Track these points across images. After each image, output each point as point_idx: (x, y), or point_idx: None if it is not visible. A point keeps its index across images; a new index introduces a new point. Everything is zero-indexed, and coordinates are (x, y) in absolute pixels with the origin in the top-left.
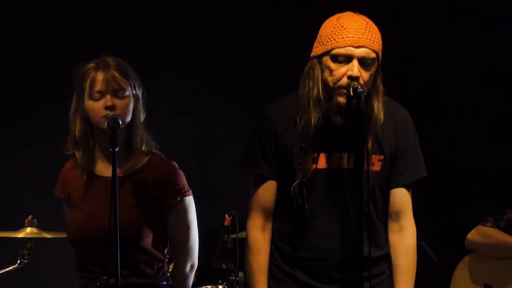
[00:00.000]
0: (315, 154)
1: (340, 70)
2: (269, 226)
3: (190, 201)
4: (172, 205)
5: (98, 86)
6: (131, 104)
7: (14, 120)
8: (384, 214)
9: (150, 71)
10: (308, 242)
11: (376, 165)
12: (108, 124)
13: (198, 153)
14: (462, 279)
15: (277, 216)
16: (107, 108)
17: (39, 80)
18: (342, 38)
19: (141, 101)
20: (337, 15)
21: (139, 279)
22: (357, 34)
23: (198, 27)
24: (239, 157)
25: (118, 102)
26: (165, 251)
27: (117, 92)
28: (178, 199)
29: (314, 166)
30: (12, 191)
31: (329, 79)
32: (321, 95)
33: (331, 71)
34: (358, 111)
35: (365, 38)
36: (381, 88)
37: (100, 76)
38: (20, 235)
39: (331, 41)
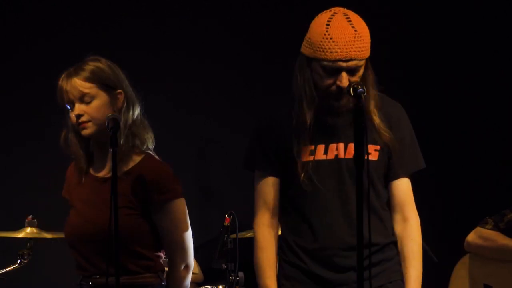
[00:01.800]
0: (312, 146)
1: (329, 79)
2: (275, 223)
3: (180, 203)
4: (161, 206)
5: (65, 98)
6: (104, 104)
7: (14, 120)
8: (388, 205)
9: (151, 71)
10: (315, 233)
11: (373, 154)
12: (108, 124)
13: (198, 153)
14: (461, 279)
15: (284, 211)
16: (76, 116)
17: (37, 80)
18: (331, 52)
19: (124, 99)
20: (326, 19)
21: (129, 279)
22: (346, 48)
23: (198, 27)
24: (240, 157)
25: (85, 108)
26: (158, 251)
27: (82, 98)
28: (167, 200)
29: (312, 157)
30: (12, 191)
31: (319, 82)
32: (314, 94)
33: (320, 76)
34: (359, 111)
35: (354, 51)
36: (370, 79)
37: (63, 88)
38: (20, 235)
39: (320, 51)
